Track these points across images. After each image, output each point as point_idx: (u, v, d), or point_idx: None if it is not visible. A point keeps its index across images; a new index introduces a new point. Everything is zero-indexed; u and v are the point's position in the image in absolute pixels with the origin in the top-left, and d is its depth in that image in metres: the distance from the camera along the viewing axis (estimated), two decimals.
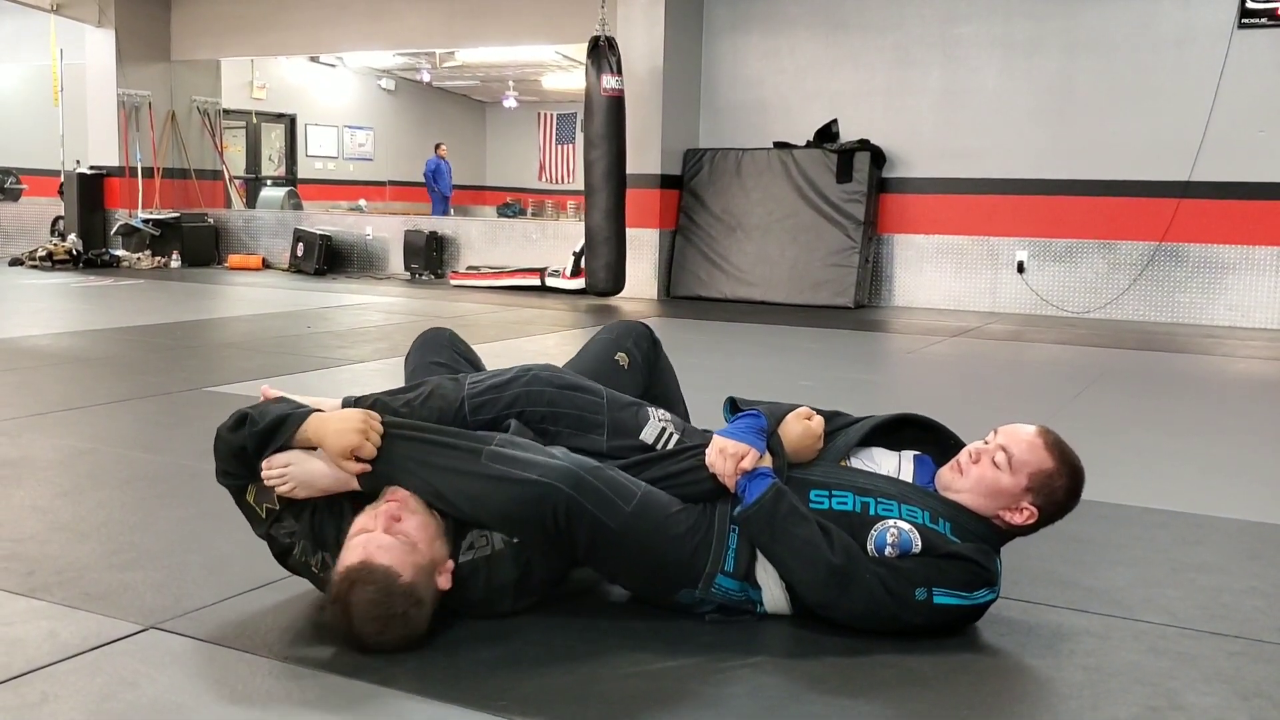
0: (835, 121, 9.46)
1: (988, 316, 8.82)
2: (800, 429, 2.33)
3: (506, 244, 11.08)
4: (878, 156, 9.31)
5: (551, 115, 21.92)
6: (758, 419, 2.29)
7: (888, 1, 9.38)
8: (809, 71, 9.71)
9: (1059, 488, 2.26)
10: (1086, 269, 8.93)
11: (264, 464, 2.19)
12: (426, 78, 19.16)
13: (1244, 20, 8.31)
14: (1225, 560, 2.90)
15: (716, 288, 9.66)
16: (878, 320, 8.59)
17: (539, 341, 6.98)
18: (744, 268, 9.58)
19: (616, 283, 9.33)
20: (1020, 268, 9.09)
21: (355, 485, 2.21)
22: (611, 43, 9.04)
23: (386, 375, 5.54)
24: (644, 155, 9.66)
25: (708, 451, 2.26)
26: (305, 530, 2.26)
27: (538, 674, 2.05)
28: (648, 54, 9.62)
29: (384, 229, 11.76)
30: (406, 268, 11.20)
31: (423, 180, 18.49)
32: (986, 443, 2.29)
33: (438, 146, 18.52)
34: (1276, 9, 8.23)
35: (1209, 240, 8.57)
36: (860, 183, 9.21)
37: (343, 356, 5.97)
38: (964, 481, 2.27)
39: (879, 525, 2.19)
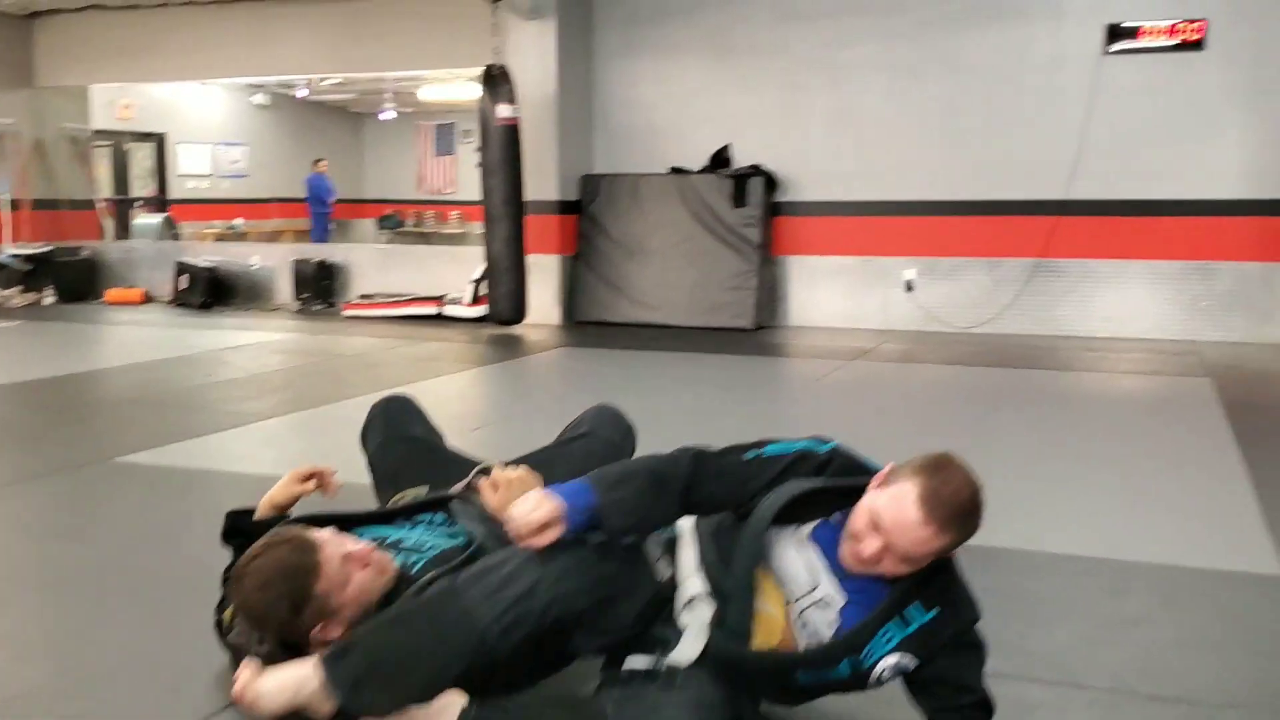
0: (728, 146, 9.62)
1: (880, 334, 9.08)
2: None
3: (400, 270, 10.93)
4: (770, 181, 9.50)
5: (430, 126, 21.70)
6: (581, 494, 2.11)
7: (774, 26, 9.56)
8: (700, 96, 9.84)
9: (964, 539, 2.11)
10: (971, 286, 9.25)
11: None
12: (303, 93, 18.75)
13: (1109, 48, 8.72)
14: (1150, 610, 3.08)
15: (619, 312, 9.72)
16: (778, 343, 8.77)
17: (449, 383, 6.93)
18: (645, 292, 9.67)
19: (518, 311, 9.32)
20: (909, 287, 9.38)
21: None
22: (505, 71, 9.02)
23: (299, 430, 5.46)
24: (542, 181, 9.66)
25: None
26: None
27: None
28: (541, 81, 9.62)
29: (270, 257, 11.48)
30: (296, 298, 10.96)
31: (300, 195, 18.13)
32: (876, 529, 2.06)
33: (317, 162, 18.15)
34: (1137, 38, 8.67)
35: (1084, 255, 8.98)
36: (755, 207, 9.39)
37: (251, 411, 5.83)
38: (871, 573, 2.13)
39: (873, 672, 2.12)
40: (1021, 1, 8.93)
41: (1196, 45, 8.51)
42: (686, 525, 2.24)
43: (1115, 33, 8.69)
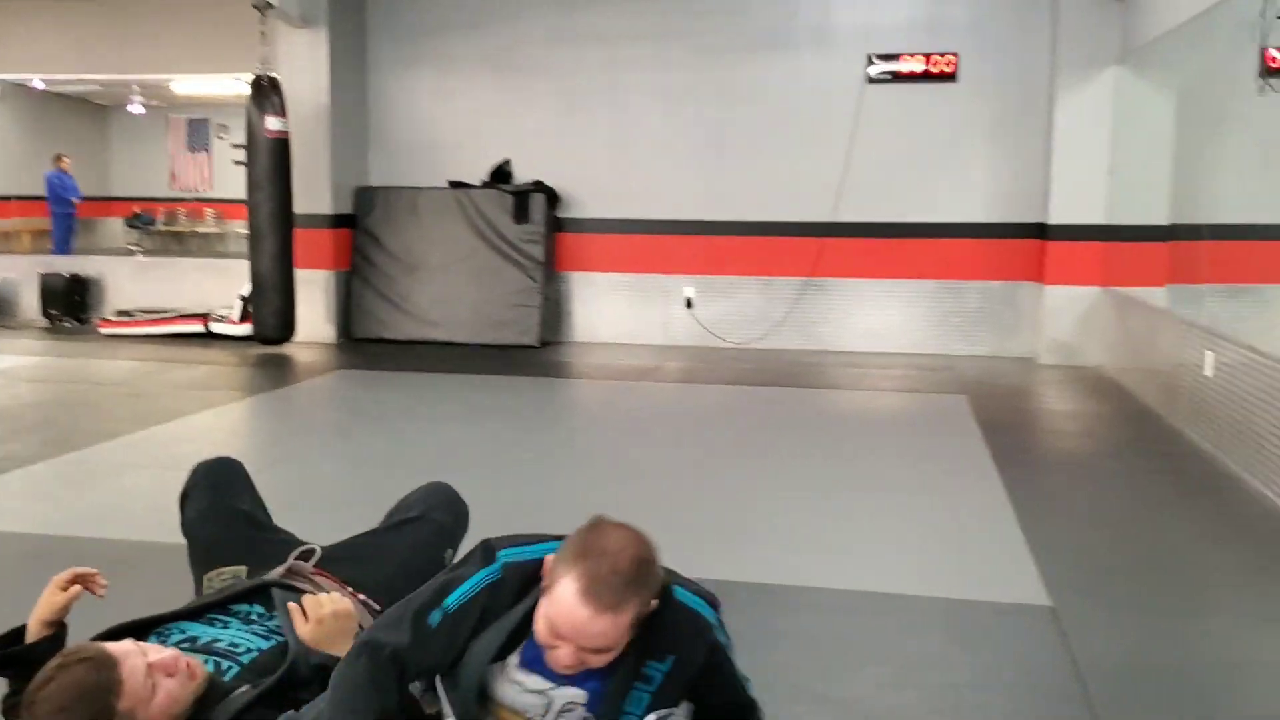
0: (508, 161, 9.59)
1: (663, 351, 9.28)
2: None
3: (161, 284, 10.31)
4: (552, 197, 9.53)
5: (183, 121, 20.59)
6: None
7: (555, 46, 9.60)
8: (480, 111, 9.76)
9: (649, 598, 2.04)
10: (746, 303, 9.60)
11: None
12: (40, 84, 17.35)
13: (870, 75, 9.24)
14: (943, 649, 3.29)
15: (398, 329, 9.52)
16: (564, 362, 8.81)
17: (224, 416, 6.59)
18: (426, 308, 9.51)
19: (286, 329, 8.99)
20: (689, 304, 9.63)
21: None
22: (274, 83, 8.66)
23: (66, 478, 5.06)
24: (313, 195, 9.35)
25: None
26: None
27: None
28: (312, 91, 9.29)
29: (13, 269, 10.58)
30: (45, 314, 10.15)
31: (39, 193, 16.79)
32: (559, 636, 1.99)
33: (58, 158, 16.84)
34: (896, 66, 9.21)
35: (849, 275, 9.47)
36: (538, 223, 9.41)
37: (7, 455, 5.35)
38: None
39: None
40: (791, 31, 9.33)
41: (950, 77, 9.13)
42: None
43: (876, 62, 9.20)
